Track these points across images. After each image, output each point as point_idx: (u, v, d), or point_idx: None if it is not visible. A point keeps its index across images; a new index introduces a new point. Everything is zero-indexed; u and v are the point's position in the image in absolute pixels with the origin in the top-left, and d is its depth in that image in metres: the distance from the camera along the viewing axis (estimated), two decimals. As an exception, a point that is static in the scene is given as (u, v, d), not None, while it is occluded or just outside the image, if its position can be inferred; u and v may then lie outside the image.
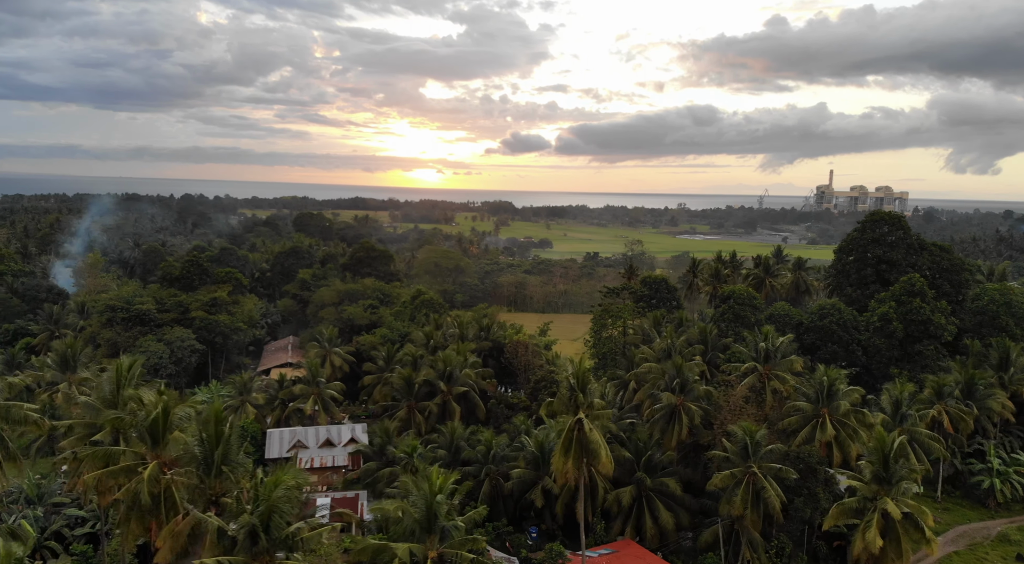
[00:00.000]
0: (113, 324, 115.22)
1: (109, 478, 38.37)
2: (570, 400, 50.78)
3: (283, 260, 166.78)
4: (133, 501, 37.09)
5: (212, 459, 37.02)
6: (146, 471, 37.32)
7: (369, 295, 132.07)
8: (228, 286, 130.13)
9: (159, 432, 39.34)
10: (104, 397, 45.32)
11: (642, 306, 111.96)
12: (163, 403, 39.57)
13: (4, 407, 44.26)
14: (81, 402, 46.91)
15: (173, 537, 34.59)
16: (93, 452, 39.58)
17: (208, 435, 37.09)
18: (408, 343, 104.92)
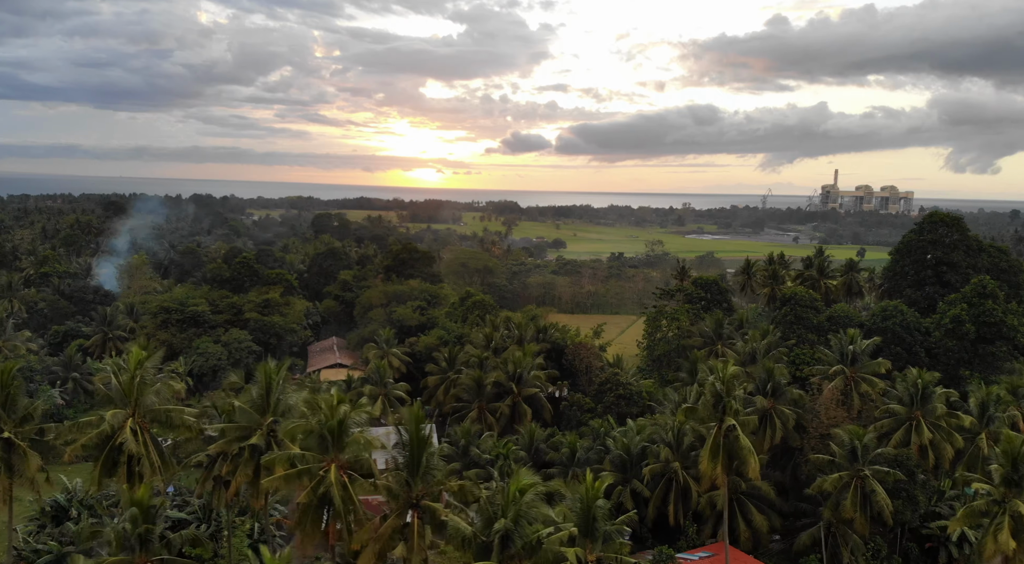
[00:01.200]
0: (168, 325, 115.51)
1: (289, 481, 38.76)
2: (716, 406, 51.19)
3: (320, 261, 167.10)
4: (317, 503, 37.48)
5: (418, 462, 37.38)
6: (331, 474, 37.74)
7: (416, 296, 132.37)
8: (279, 287, 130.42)
9: (338, 436, 39.69)
10: (253, 401, 45.67)
11: (698, 308, 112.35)
12: (344, 408, 39.97)
13: (164, 411, 44.61)
14: (234, 406, 47.18)
15: (377, 540, 34.95)
16: (276, 456, 39.95)
17: (413, 439, 37.43)
18: (468, 344, 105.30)
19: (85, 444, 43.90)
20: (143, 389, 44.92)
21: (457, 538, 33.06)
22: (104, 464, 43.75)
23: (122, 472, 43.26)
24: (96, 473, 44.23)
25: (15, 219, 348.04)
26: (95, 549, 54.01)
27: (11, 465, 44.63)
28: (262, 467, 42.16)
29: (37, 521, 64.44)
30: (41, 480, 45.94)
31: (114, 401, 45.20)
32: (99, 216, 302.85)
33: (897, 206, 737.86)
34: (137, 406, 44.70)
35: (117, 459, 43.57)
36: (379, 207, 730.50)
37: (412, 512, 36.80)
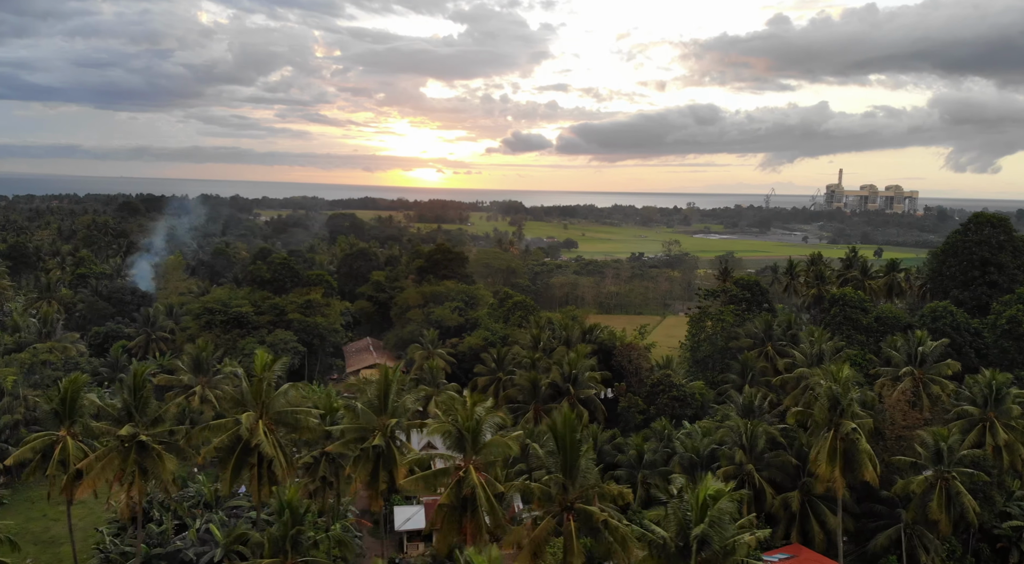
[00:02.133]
0: (212, 326, 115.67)
1: (427, 482, 39.01)
2: (832, 409, 51.43)
3: (351, 262, 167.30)
4: (458, 504, 37.71)
5: (572, 466, 37.59)
6: (472, 475, 37.97)
7: (453, 297, 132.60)
8: (319, 288, 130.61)
9: (474, 438, 39.91)
10: (371, 402, 45.90)
11: (742, 309, 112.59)
12: (480, 410, 40.18)
13: (291, 413, 44.79)
14: (354, 407, 47.40)
15: (532, 542, 35.19)
16: (414, 458, 40.27)
17: (566, 442, 37.62)
18: (515, 345, 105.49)
19: (218, 446, 44.00)
20: (271, 392, 45.08)
21: (644, 542, 33.22)
22: (235, 466, 43.88)
23: (254, 474, 43.42)
24: (227, 475, 44.39)
25: (28, 220, 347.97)
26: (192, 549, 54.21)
27: (144, 468, 44.77)
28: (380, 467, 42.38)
29: (117, 523, 64.69)
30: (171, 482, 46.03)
31: (243, 403, 45.31)
32: (114, 217, 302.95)
33: (902, 205, 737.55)
34: (265, 408, 44.89)
35: (245, 461, 43.70)
36: (383, 207, 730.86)
37: (567, 515, 36.99)
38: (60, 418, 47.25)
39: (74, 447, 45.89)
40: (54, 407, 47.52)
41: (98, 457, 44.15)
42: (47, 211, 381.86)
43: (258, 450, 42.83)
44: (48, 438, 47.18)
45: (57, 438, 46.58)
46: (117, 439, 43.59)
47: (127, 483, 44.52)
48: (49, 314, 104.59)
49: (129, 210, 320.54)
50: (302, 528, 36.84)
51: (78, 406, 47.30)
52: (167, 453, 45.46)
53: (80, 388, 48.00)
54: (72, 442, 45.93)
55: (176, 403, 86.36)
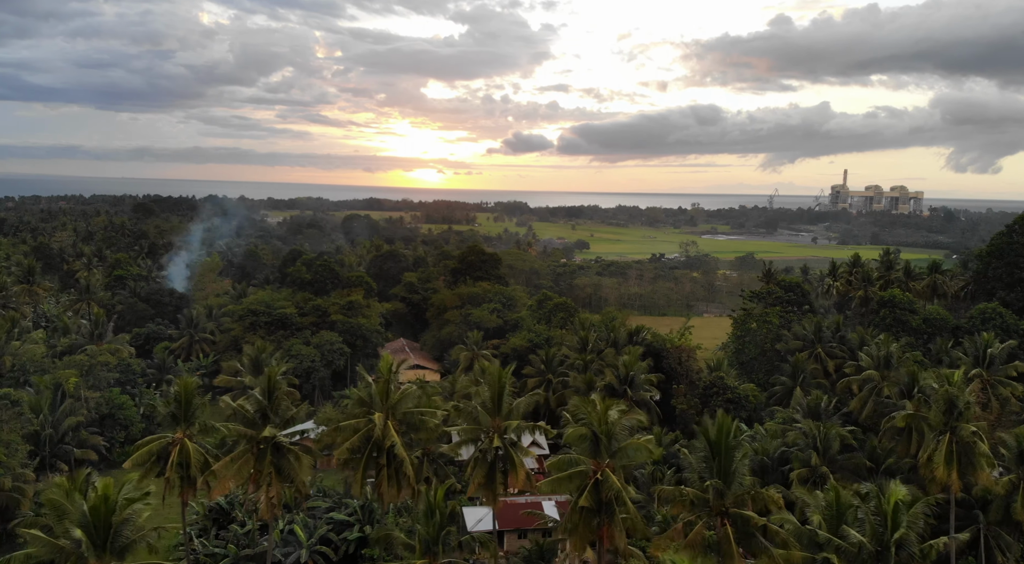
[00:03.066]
0: (256, 328, 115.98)
1: (561, 483, 39.30)
2: (948, 412, 51.76)
3: (380, 263, 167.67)
4: (595, 507, 37.96)
5: (728, 470, 37.88)
6: (610, 478, 38.23)
7: (491, 298, 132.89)
8: (360, 290, 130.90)
9: (609, 441, 40.14)
10: (484, 403, 46.17)
11: (788, 310, 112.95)
12: (614, 413, 40.48)
13: (417, 414, 45.01)
14: (470, 408, 47.67)
15: (687, 547, 35.47)
16: (558, 460, 40.51)
17: (721, 447, 37.92)
18: (562, 347, 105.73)
19: (351, 447, 44.23)
20: (398, 393, 45.29)
21: (831, 548, 33.53)
22: (366, 467, 44.08)
23: (383, 475, 43.61)
24: (359, 477, 44.60)
25: (42, 221, 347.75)
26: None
27: (280, 468, 45.01)
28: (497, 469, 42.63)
29: (198, 525, 64.96)
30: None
31: (371, 404, 45.50)
32: (131, 218, 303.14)
33: (907, 206, 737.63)
34: (393, 410, 45.11)
35: (374, 462, 43.87)
36: (388, 208, 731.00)
37: (723, 520, 37.24)
38: (177, 420, 47.48)
39: (193, 450, 46.08)
40: (171, 410, 47.75)
41: (233, 459, 44.43)
42: (60, 212, 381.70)
43: (388, 451, 43.05)
44: (164, 440, 47.41)
45: (174, 440, 46.80)
46: (250, 441, 43.86)
47: (265, 484, 44.74)
48: (100, 316, 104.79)
49: (144, 211, 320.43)
50: (452, 529, 37.15)
51: (193, 408, 47.54)
52: (304, 454, 45.65)
53: (194, 390, 48.27)
54: (190, 444, 46.12)
55: (236, 404, 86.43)
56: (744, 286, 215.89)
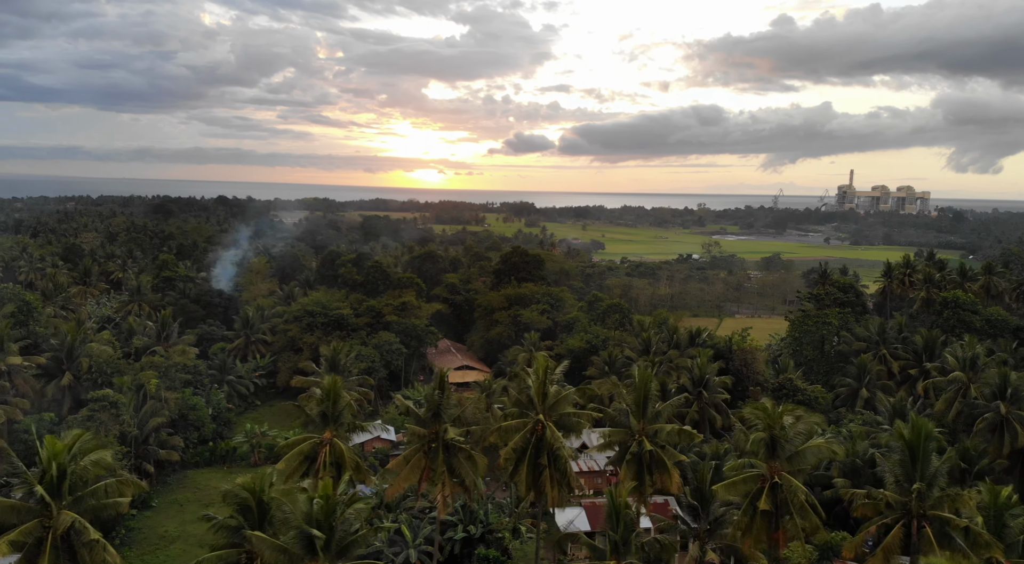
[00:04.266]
0: (313, 329, 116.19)
1: (736, 486, 39.50)
2: None
3: (419, 264, 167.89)
4: (773, 510, 38.14)
5: (929, 474, 38.00)
6: (788, 481, 38.43)
7: (539, 299, 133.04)
8: (411, 291, 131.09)
9: (783, 445, 40.35)
10: (630, 406, 46.34)
11: (847, 312, 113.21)
12: (789, 417, 40.65)
13: (570, 415, 45.12)
14: (620, 411, 47.83)
15: (886, 550, 35.66)
16: (733, 464, 40.70)
17: (918, 450, 38.10)
18: (623, 348, 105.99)
19: (515, 447, 44.39)
20: (555, 394, 45.45)
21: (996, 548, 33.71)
22: (529, 468, 44.25)
23: (546, 476, 43.78)
24: (523, 478, 44.73)
25: (58, 222, 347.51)
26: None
27: (451, 467, 45.14)
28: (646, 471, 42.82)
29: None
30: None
31: (530, 405, 45.64)
32: (152, 219, 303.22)
33: (914, 206, 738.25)
34: (549, 411, 45.29)
35: (536, 464, 44.03)
36: (394, 208, 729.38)
37: (919, 523, 37.37)
38: (326, 420, 47.60)
39: (346, 449, 46.22)
40: (322, 409, 47.84)
41: (406, 457, 44.53)
42: (76, 213, 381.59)
43: (551, 452, 43.22)
44: (313, 440, 47.51)
45: (322, 440, 46.92)
46: (421, 439, 43.99)
47: (440, 483, 44.90)
48: (166, 317, 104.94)
49: (163, 212, 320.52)
50: (636, 531, 37.29)
51: (340, 407, 47.66)
52: (479, 454, 45.81)
53: (340, 389, 48.37)
54: (340, 443, 46.27)
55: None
56: (776, 286, 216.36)
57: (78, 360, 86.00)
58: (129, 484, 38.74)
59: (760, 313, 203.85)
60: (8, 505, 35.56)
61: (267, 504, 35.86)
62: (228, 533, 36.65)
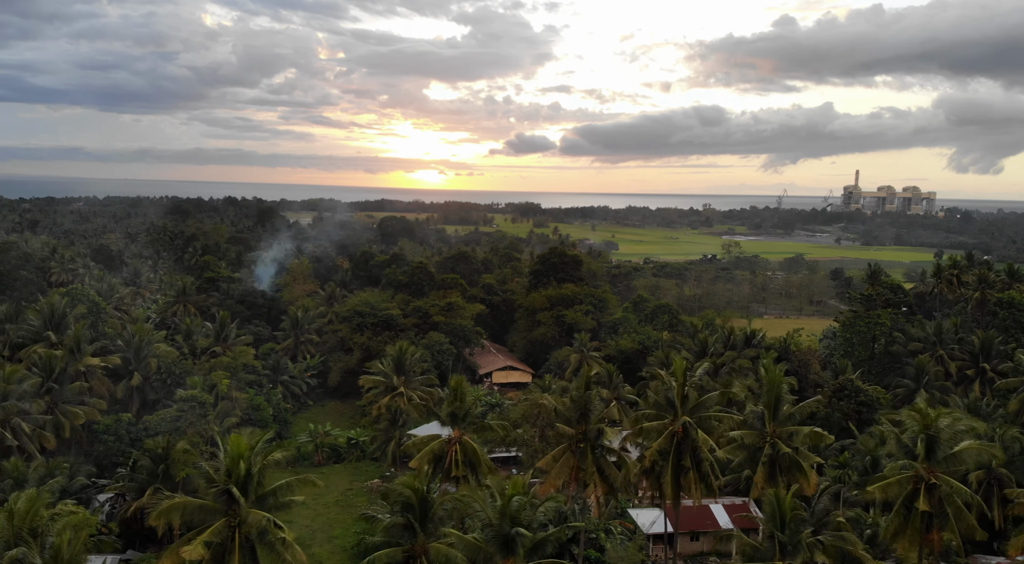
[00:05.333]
0: (363, 329, 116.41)
1: (887, 489, 39.75)
2: None
3: (452, 265, 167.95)
4: (930, 509, 38.42)
5: None
6: (951, 481, 38.68)
7: (582, 300, 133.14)
8: (455, 291, 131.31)
9: (936, 447, 40.59)
10: (761, 411, 46.60)
11: (899, 313, 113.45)
12: (946, 421, 40.91)
13: (711, 418, 45.28)
14: (737, 419, 48.10)
15: None
16: (891, 467, 40.95)
17: None
18: (679, 349, 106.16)
19: (659, 449, 44.63)
20: (692, 396, 45.69)
21: None
22: (673, 470, 44.47)
23: (691, 477, 43.99)
24: (668, 479, 44.93)
25: (75, 223, 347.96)
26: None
27: (600, 468, 45.34)
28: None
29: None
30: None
31: (668, 407, 45.83)
32: (172, 219, 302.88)
33: (920, 207, 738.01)
34: (692, 413, 45.49)
35: (679, 465, 44.29)
36: (400, 209, 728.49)
37: None
38: (455, 419, 47.78)
39: (479, 449, 46.41)
40: (452, 409, 48.01)
41: (554, 457, 44.77)
42: (91, 214, 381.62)
43: (694, 454, 43.42)
44: (442, 439, 47.67)
45: (451, 439, 47.07)
46: (569, 439, 44.18)
47: (592, 483, 45.11)
48: (226, 318, 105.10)
49: (181, 213, 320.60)
50: (805, 531, 37.48)
51: (467, 406, 47.82)
52: (626, 455, 46.04)
53: (467, 388, 48.54)
54: (470, 442, 46.44)
55: (382, 404, 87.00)
56: (804, 287, 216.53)
57: (146, 360, 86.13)
58: (307, 482, 38.77)
59: (787, 314, 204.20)
60: (196, 505, 35.67)
61: (430, 502, 36.05)
62: (396, 531, 36.70)
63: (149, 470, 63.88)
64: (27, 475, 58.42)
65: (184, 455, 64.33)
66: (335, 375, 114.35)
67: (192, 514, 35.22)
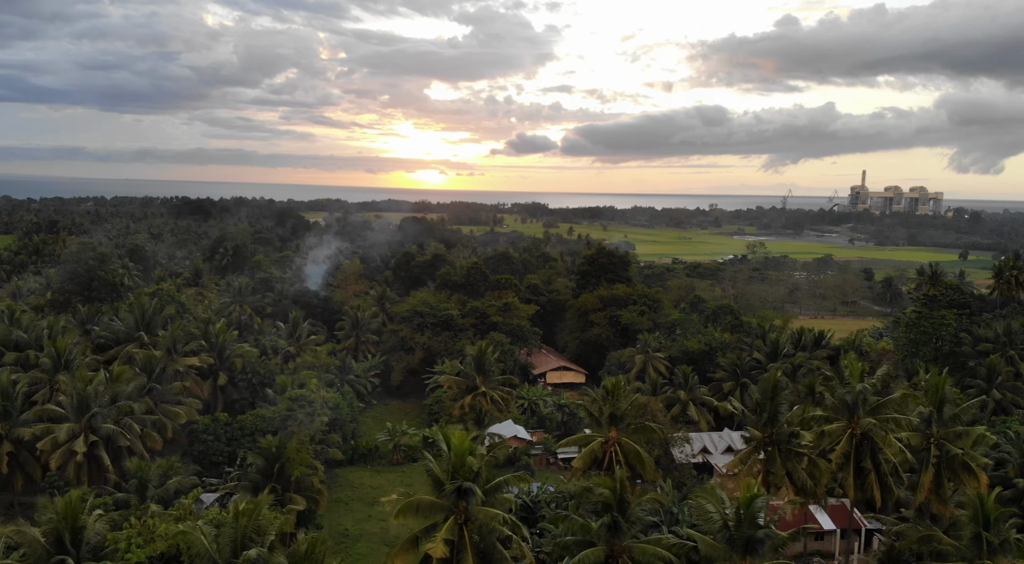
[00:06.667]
0: (423, 329, 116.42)
1: None
2: None
3: (493, 265, 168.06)
4: None
5: None
6: None
7: (636, 300, 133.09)
8: (511, 292, 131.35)
9: None
10: (923, 420, 46.65)
11: (964, 313, 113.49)
12: None
13: (890, 420, 45.33)
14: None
15: None
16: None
17: None
18: (750, 351, 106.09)
19: (843, 452, 44.65)
20: (871, 399, 45.74)
21: None
22: (855, 472, 44.52)
23: (872, 478, 43.96)
24: (850, 482, 44.96)
25: (92, 223, 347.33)
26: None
27: (790, 472, 45.40)
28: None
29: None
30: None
31: (845, 409, 45.87)
32: (193, 220, 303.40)
33: (927, 207, 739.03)
34: (873, 415, 45.52)
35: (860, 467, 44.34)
36: (406, 209, 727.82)
37: None
38: (615, 420, 47.82)
39: (638, 449, 46.46)
40: (611, 411, 48.06)
41: (741, 458, 44.79)
42: (108, 214, 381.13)
43: (875, 457, 43.50)
44: (600, 439, 47.74)
45: (608, 439, 47.17)
46: (757, 442, 44.19)
47: (784, 487, 45.12)
48: (298, 318, 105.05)
49: (202, 214, 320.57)
50: (1010, 533, 37.56)
51: (622, 407, 47.85)
52: (820, 460, 46.08)
53: (621, 390, 48.61)
54: (630, 442, 46.48)
55: (465, 403, 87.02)
56: (838, 287, 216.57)
57: (230, 360, 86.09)
58: (523, 479, 38.73)
59: (821, 314, 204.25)
60: (428, 502, 35.65)
61: (627, 502, 36.07)
62: (597, 532, 36.67)
63: (262, 469, 63.86)
64: (149, 475, 58.35)
65: (298, 454, 64.40)
66: (397, 375, 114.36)
67: (427, 511, 35.16)
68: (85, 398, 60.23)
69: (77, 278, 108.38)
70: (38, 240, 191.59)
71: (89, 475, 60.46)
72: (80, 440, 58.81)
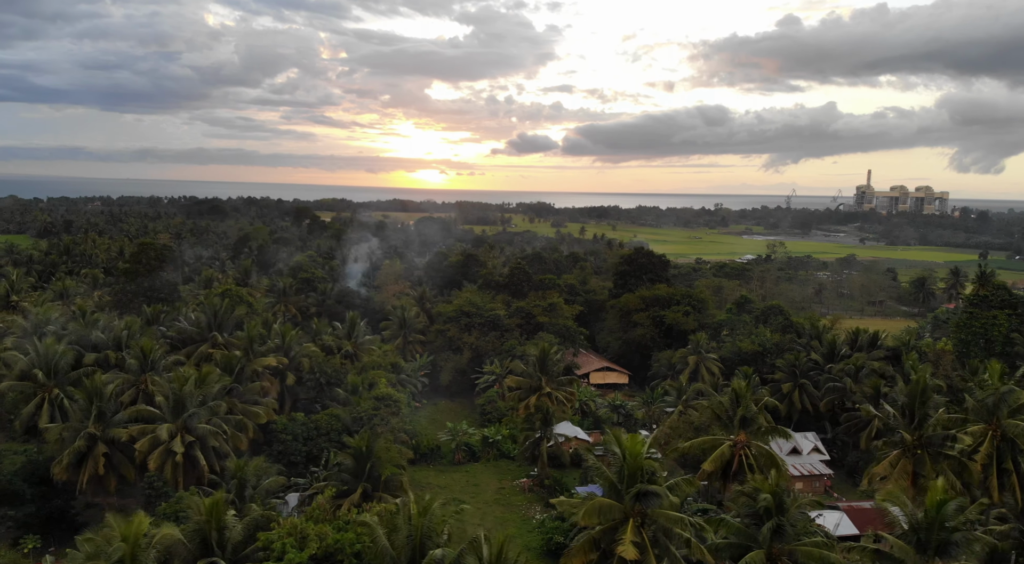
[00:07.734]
0: (471, 329, 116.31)
1: None
2: None
3: (527, 266, 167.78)
4: None
5: None
6: None
7: (679, 300, 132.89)
8: (555, 292, 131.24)
9: None
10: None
11: (1013, 313, 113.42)
12: None
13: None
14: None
15: None
16: None
17: None
18: (807, 351, 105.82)
19: (987, 453, 44.62)
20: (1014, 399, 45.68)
21: None
22: (996, 473, 44.51)
23: (1013, 480, 43.88)
24: (993, 483, 44.89)
25: (107, 223, 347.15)
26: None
27: (938, 475, 45.41)
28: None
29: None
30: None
31: (984, 411, 45.81)
32: (211, 219, 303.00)
33: (933, 206, 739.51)
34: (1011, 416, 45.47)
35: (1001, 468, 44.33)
36: (413, 209, 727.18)
37: None
38: (745, 423, 47.71)
39: (770, 452, 46.35)
40: (742, 414, 47.91)
41: (891, 462, 44.71)
42: (121, 214, 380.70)
43: (1013, 455, 43.44)
44: (728, 442, 47.62)
45: (736, 442, 47.07)
46: (903, 444, 44.11)
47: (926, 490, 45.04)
48: (355, 319, 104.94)
49: (219, 213, 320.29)
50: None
51: (751, 410, 47.76)
52: (969, 461, 46.01)
53: (748, 392, 48.49)
54: (761, 445, 46.36)
55: (531, 403, 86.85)
56: (865, 287, 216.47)
57: (297, 360, 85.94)
58: (691, 483, 38.56)
59: (850, 314, 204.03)
60: (607, 504, 35.49)
61: (786, 505, 35.94)
62: (763, 536, 36.50)
63: (351, 469, 63.76)
64: (248, 475, 58.17)
65: (387, 454, 64.29)
66: (447, 374, 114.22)
67: (604, 514, 35.04)
68: (182, 399, 60.08)
69: (138, 279, 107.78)
70: (68, 240, 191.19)
71: (185, 475, 60.31)
72: (177, 440, 58.64)
